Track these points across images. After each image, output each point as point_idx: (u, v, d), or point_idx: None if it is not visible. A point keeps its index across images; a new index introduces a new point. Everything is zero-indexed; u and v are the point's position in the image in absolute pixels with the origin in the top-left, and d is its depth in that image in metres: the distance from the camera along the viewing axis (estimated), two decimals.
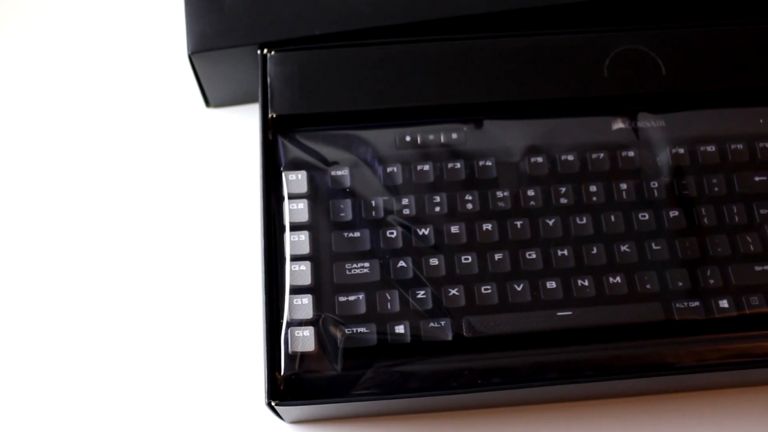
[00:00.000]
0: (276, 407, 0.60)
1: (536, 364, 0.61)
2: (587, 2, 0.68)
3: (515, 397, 0.64)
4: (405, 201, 0.64)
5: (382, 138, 0.66)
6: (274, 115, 0.66)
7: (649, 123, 0.68)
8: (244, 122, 0.74)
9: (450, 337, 0.61)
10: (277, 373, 0.60)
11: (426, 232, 0.64)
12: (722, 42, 0.69)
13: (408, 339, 0.61)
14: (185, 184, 0.72)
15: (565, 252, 0.63)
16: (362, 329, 0.61)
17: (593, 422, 0.66)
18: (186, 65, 0.69)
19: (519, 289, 0.62)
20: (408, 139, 0.66)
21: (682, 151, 0.66)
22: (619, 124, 0.67)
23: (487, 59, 0.68)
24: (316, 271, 0.62)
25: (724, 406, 0.66)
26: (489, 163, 0.65)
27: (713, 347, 0.62)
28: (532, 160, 0.66)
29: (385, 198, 0.64)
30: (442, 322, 0.61)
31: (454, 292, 0.62)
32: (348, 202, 0.64)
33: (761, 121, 0.68)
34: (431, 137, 0.66)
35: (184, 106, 0.75)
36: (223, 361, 0.67)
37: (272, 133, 0.66)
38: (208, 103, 0.75)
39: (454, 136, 0.66)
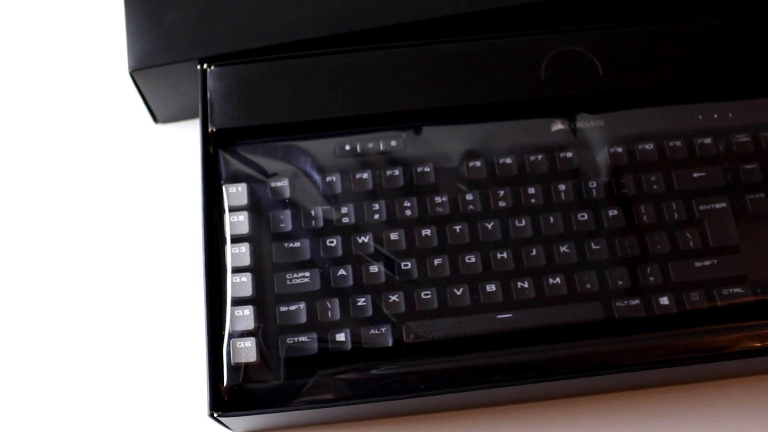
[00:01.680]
0: (220, 418, 0.60)
1: (478, 367, 0.62)
2: (522, 6, 0.69)
3: (458, 401, 0.64)
4: (344, 209, 0.65)
5: (321, 148, 0.67)
6: (214, 129, 0.67)
7: (588, 123, 0.68)
8: (191, 137, 0.74)
9: (390, 343, 0.61)
10: (220, 385, 0.61)
11: (365, 240, 0.64)
12: (658, 40, 0.69)
13: (349, 346, 0.61)
14: (134, 199, 0.73)
15: (505, 255, 0.64)
16: (303, 338, 0.61)
17: (537, 423, 0.66)
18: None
19: (459, 293, 0.63)
20: (347, 148, 0.67)
21: (620, 150, 0.67)
22: (558, 126, 0.68)
23: (425, 66, 0.68)
24: (257, 282, 0.63)
25: (668, 403, 0.66)
26: (427, 169, 0.66)
27: (655, 344, 0.62)
28: (471, 164, 0.66)
29: (325, 207, 0.65)
30: (383, 329, 0.62)
31: (394, 298, 0.62)
32: (288, 212, 0.65)
33: (700, 117, 0.68)
34: (370, 145, 0.67)
35: (133, 123, 0.76)
36: (169, 373, 0.68)
37: (213, 146, 0.67)
38: (156, 120, 0.75)
39: (394, 143, 0.67)
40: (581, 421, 0.66)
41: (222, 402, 0.60)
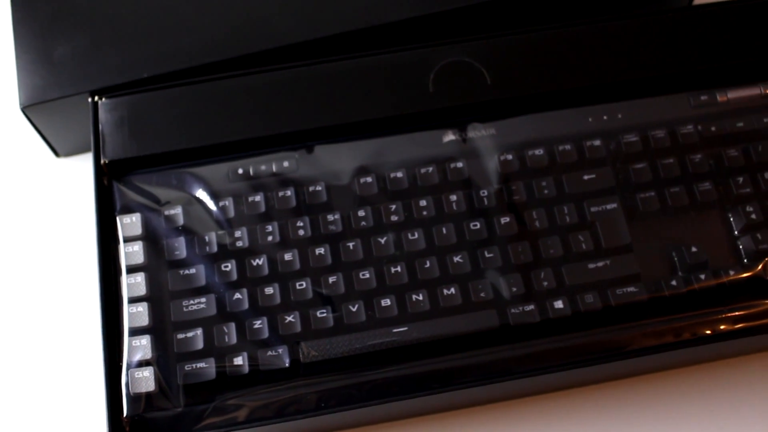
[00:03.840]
0: None
1: (377, 382, 0.62)
2: (406, 20, 0.69)
3: (359, 417, 0.64)
4: (238, 233, 0.65)
5: (214, 173, 0.67)
6: (107, 161, 0.67)
7: (479, 132, 0.68)
8: (90, 169, 0.74)
9: (288, 364, 0.62)
10: (120, 416, 0.61)
11: (260, 262, 0.64)
12: (545, 46, 0.70)
13: (246, 370, 0.61)
14: (36, 233, 0.74)
15: (399, 268, 0.64)
16: (201, 364, 0.62)
17: None
18: None
19: (354, 309, 0.63)
20: (240, 171, 0.67)
21: (510, 157, 0.67)
22: (449, 137, 0.68)
23: (315, 85, 0.69)
24: (154, 311, 0.63)
25: (568, 406, 0.67)
26: (319, 188, 0.66)
27: (551, 349, 0.63)
28: (362, 180, 0.66)
29: (219, 232, 0.65)
30: (280, 350, 0.62)
31: (290, 318, 0.63)
32: (182, 239, 0.65)
33: (590, 119, 0.69)
34: (263, 168, 0.67)
35: (34, 158, 0.76)
36: (69, 405, 0.68)
37: (108, 178, 0.67)
38: (57, 153, 0.76)
39: (286, 164, 0.67)
40: (485, 429, 0.66)
41: None
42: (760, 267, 0.65)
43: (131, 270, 0.64)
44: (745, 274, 0.65)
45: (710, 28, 0.71)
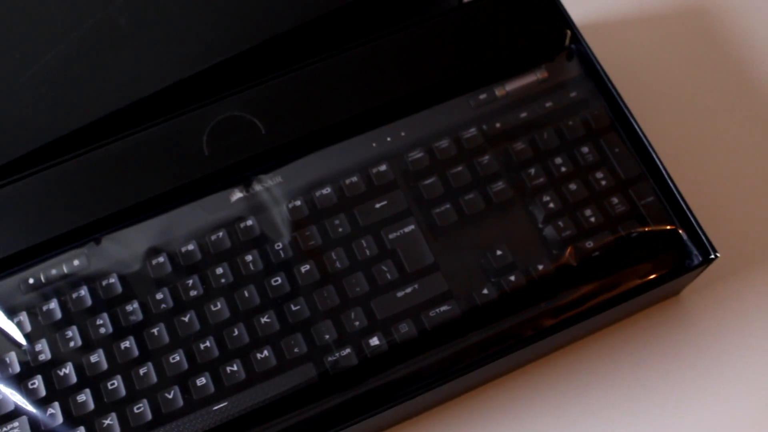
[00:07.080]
0: None
1: None
2: (165, 89, 0.67)
3: None
4: (39, 347, 0.63)
5: (4, 289, 0.64)
6: None
7: (265, 184, 0.67)
8: None
9: None
10: None
11: (66, 371, 0.62)
12: (312, 80, 0.68)
13: None
14: None
15: (207, 343, 0.62)
16: None
17: None
18: None
19: (170, 396, 0.61)
20: (31, 281, 0.65)
21: (299, 202, 0.66)
22: (237, 195, 0.67)
23: (88, 175, 0.66)
24: None
25: None
26: (112, 280, 0.64)
27: (374, 388, 0.62)
28: (154, 261, 0.65)
29: (19, 351, 0.63)
30: None
31: (107, 422, 0.61)
32: None
33: (374, 145, 0.68)
34: (54, 272, 0.65)
35: None
36: None
37: None
38: None
39: (77, 262, 0.65)
40: None
41: None
42: (566, 254, 0.65)
43: None
44: (554, 265, 0.65)
45: (479, 24, 0.71)
